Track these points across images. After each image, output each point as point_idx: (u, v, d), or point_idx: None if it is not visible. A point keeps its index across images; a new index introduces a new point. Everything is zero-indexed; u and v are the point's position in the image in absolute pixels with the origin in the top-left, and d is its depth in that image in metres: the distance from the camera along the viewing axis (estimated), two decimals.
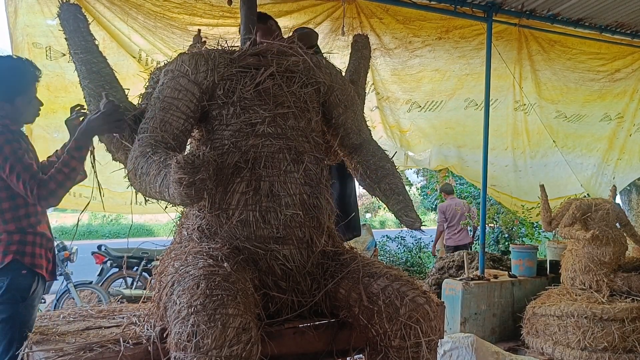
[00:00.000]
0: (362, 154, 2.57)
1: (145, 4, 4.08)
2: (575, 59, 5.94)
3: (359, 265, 2.20)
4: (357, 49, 2.97)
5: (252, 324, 1.71)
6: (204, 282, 1.78)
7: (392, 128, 5.70)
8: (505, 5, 5.23)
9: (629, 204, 9.07)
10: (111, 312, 2.40)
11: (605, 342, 4.20)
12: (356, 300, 2.09)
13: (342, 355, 2.23)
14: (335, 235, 2.46)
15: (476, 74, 5.59)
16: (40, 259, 2.38)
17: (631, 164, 6.95)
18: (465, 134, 5.98)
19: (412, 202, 2.40)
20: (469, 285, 4.80)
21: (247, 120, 2.25)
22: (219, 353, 1.61)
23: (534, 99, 5.97)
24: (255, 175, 2.19)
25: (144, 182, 2.08)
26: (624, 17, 5.52)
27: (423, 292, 2.09)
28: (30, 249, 2.34)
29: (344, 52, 4.70)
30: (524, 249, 5.40)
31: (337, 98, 2.53)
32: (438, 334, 2.07)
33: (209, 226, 2.22)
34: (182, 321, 1.68)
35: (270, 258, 2.16)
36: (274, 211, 2.18)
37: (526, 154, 6.27)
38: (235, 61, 2.35)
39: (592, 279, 4.59)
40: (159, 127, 2.19)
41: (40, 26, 3.84)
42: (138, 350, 1.89)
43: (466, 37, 5.38)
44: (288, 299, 2.18)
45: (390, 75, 5.38)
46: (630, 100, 6.57)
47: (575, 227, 4.69)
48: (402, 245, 10.09)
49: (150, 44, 4.23)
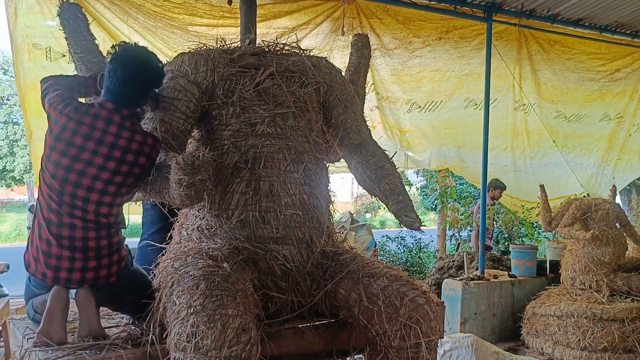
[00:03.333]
0: (362, 154, 2.57)
1: (145, 4, 4.07)
2: (575, 59, 5.94)
3: (359, 265, 2.20)
4: (357, 48, 2.97)
5: (251, 324, 1.71)
6: (204, 282, 1.78)
7: (392, 128, 5.70)
8: (505, 5, 5.23)
9: (628, 204, 9.06)
10: (110, 313, 2.40)
11: (605, 342, 4.20)
12: (356, 300, 2.09)
13: (342, 356, 2.23)
14: (335, 235, 2.47)
15: (476, 74, 5.59)
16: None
17: (631, 164, 6.95)
18: (465, 134, 5.98)
19: (412, 202, 2.40)
20: (469, 285, 4.79)
21: (247, 120, 2.25)
22: (218, 354, 1.60)
23: (533, 99, 5.97)
24: (254, 175, 2.19)
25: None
26: (624, 17, 5.51)
27: (423, 292, 2.09)
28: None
29: (344, 52, 4.70)
30: (524, 249, 5.40)
31: (336, 98, 2.53)
32: (438, 334, 2.07)
33: (208, 226, 2.22)
34: (182, 322, 1.68)
35: (270, 258, 2.15)
36: (274, 211, 2.18)
37: (526, 154, 6.27)
38: (235, 61, 2.35)
39: (592, 279, 4.59)
40: (158, 127, 2.19)
41: (40, 27, 3.84)
42: (137, 350, 1.89)
43: (466, 37, 5.37)
44: (288, 299, 2.18)
45: (390, 75, 5.38)
46: (630, 100, 6.57)
47: (575, 227, 4.69)
48: (402, 245, 10.07)
49: (151, 44, 4.22)
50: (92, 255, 1.98)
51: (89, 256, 1.98)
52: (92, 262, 1.99)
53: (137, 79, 2.09)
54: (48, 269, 1.96)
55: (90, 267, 1.98)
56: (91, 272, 1.99)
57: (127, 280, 2.11)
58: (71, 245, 1.96)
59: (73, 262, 1.96)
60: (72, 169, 1.96)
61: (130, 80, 2.07)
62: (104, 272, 2.02)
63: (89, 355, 1.81)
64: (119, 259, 2.07)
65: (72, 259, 1.96)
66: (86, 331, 1.97)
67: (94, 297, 2.01)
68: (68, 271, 1.96)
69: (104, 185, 1.99)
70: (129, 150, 2.01)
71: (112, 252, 2.04)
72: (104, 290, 2.06)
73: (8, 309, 4.26)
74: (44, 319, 1.93)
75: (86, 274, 1.98)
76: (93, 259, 1.99)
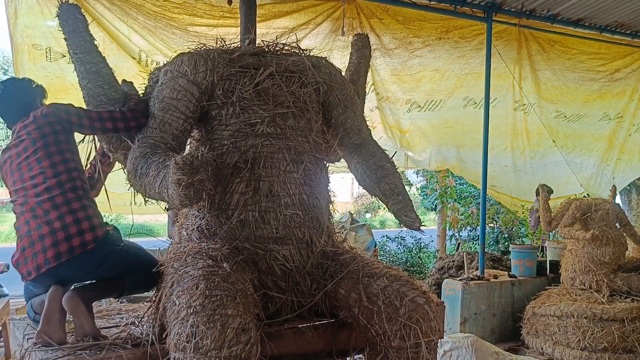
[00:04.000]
0: (362, 154, 2.57)
1: (145, 4, 4.07)
2: (575, 58, 5.94)
3: (359, 265, 2.20)
4: (357, 48, 2.97)
5: (251, 324, 1.71)
6: (204, 282, 1.77)
7: (392, 128, 5.70)
8: (505, 5, 5.23)
9: (628, 204, 9.07)
10: (110, 313, 2.40)
11: (605, 342, 4.20)
12: (356, 300, 2.09)
13: (341, 356, 2.22)
14: (335, 235, 2.46)
15: (475, 74, 5.59)
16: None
17: (631, 164, 6.95)
18: (465, 133, 5.98)
19: (412, 202, 2.40)
20: (469, 285, 4.79)
21: (247, 121, 2.25)
22: (218, 354, 1.60)
23: (533, 99, 5.97)
24: (254, 175, 2.19)
25: (143, 182, 2.09)
26: (624, 17, 5.51)
27: (423, 292, 2.09)
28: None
29: (344, 52, 4.70)
30: (524, 249, 5.40)
31: (336, 98, 2.53)
32: (438, 334, 2.07)
33: (208, 226, 2.22)
34: (182, 322, 1.68)
35: (270, 258, 2.15)
36: (274, 211, 2.18)
37: (526, 154, 6.26)
38: (234, 61, 2.35)
39: (592, 279, 4.59)
40: (158, 127, 2.19)
41: (40, 27, 3.84)
42: (137, 350, 1.89)
43: (466, 37, 5.38)
44: (288, 299, 2.18)
45: (390, 75, 5.38)
46: (630, 100, 6.57)
47: (575, 227, 4.69)
48: (402, 245, 10.08)
49: (150, 44, 4.23)
50: (58, 226, 2.00)
51: (55, 229, 2.00)
52: (61, 234, 1.99)
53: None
54: (28, 262, 2.00)
55: (60, 239, 1.99)
56: (64, 244, 1.99)
57: (119, 258, 2.09)
58: (38, 231, 2.01)
59: (43, 241, 1.99)
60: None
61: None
62: (76, 241, 2.01)
63: (88, 355, 1.81)
64: (91, 227, 2.04)
65: (42, 238, 1.99)
66: (81, 335, 1.98)
67: (84, 299, 2.00)
68: (43, 252, 1.98)
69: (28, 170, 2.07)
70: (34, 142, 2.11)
71: (78, 219, 2.03)
72: (95, 277, 2.06)
73: (8, 309, 4.26)
74: (42, 320, 1.94)
75: (59, 247, 1.98)
76: (60, 230, 2.00)
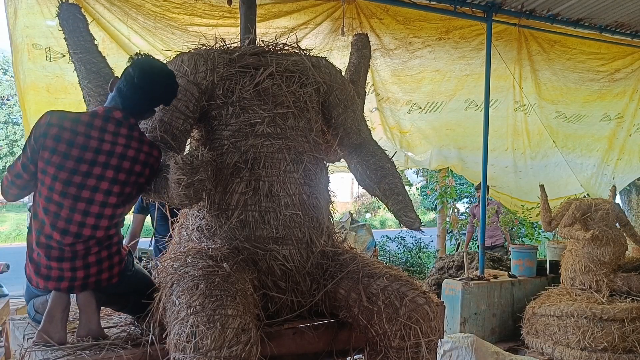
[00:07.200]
0: (361, 154, 2.57)
1: (145, 4, 4.07)
2: (575, 59, 5.93)
3: (359, 265, 2.20)
4: (357, 48, 2.97)
5: (251, 324, 1.71)
6: (203, 282, 1.77)
7: (392, 129, 5.69)
8: (505, 5, 5.23)
9: (628, 204, 9.06)
10: (110, 312, 2.40)
11: (605, 342, 4.20)
12: (356, 300, 2.09)
13: (341, 356, 2.22)
14: (335, 235, 2.46)
15: (476, 75, 5.58)
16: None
17: (631, 164, 6.94)
18: (466, 135, 5.97)
19: (412, 202, 2.40)
20: (469, 285, 4.79)
21: (247, 120, 2.25)
22: (218, 354, 1.60)
23: (534, 99, 5.96)
24: (254, 175, 2.19)
25: None
26: (624, 17, 5.51)
27: (423, 292, 2.08)
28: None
29: (344, 52, 4.70)
30: (524, 249, 5.40)
31: (336, 98, 2.53)
32: (438, 334, 2.07)
33: (208, 226, 2.22)
34: (181, 322, 1.68)
35: (270, 258, 2.15)
36: (274, 211, 2.18)
37: (526, 154, 6.26)
38: (234, 61, 2.35)
39: (592, 279, 4.59)
40: (158, 127, 2.19)
41: (40, 27, 3.83)
42: (137, 350, 1.89)
43: (466, 37, 5.37)
44: (287, 299, 2.18)
45: (391, 76, 5.38)
46: (630, 101, 6.56)
47: (575, 227, 4.69)
48: (402, 245, 10.09)
49: (150, 44, 4.22)
50: (93, 262, 1.98)
51: (90, 263, 1.98)
52: (94, 269, 1.99)
53: (153, 87, 2.06)
54: (49, 280, 1.96)
55: (92, 274, 1.99)
56: (92, 277, 1.99)
57: (129, 281, 2.11)
58: (72, 260, 1.95)
59: (75, 272, 1.96)
60: (70, 182, 1.92)
61: (147, 88, 2.04)
62: (105, 276, 2.02)
63: (88, 355, 1.81)
64: (120, 260, 2.07)
65: (74, 269, 1.96)
66: (85, 331, 1.97)
67: (95, 298, 2.01)
68: (70, 281, 1.96)
69: (104, 197, 1.96)
70: (137, 161, 1.99)
71: (112, 254, 2.03)
72: (105, 292, 2.07)
73: (8, 309, 4.26)
74: (45, 319, 1.93)
75: (88, 280, 1.98)
76: (94, 265, 1.98)
